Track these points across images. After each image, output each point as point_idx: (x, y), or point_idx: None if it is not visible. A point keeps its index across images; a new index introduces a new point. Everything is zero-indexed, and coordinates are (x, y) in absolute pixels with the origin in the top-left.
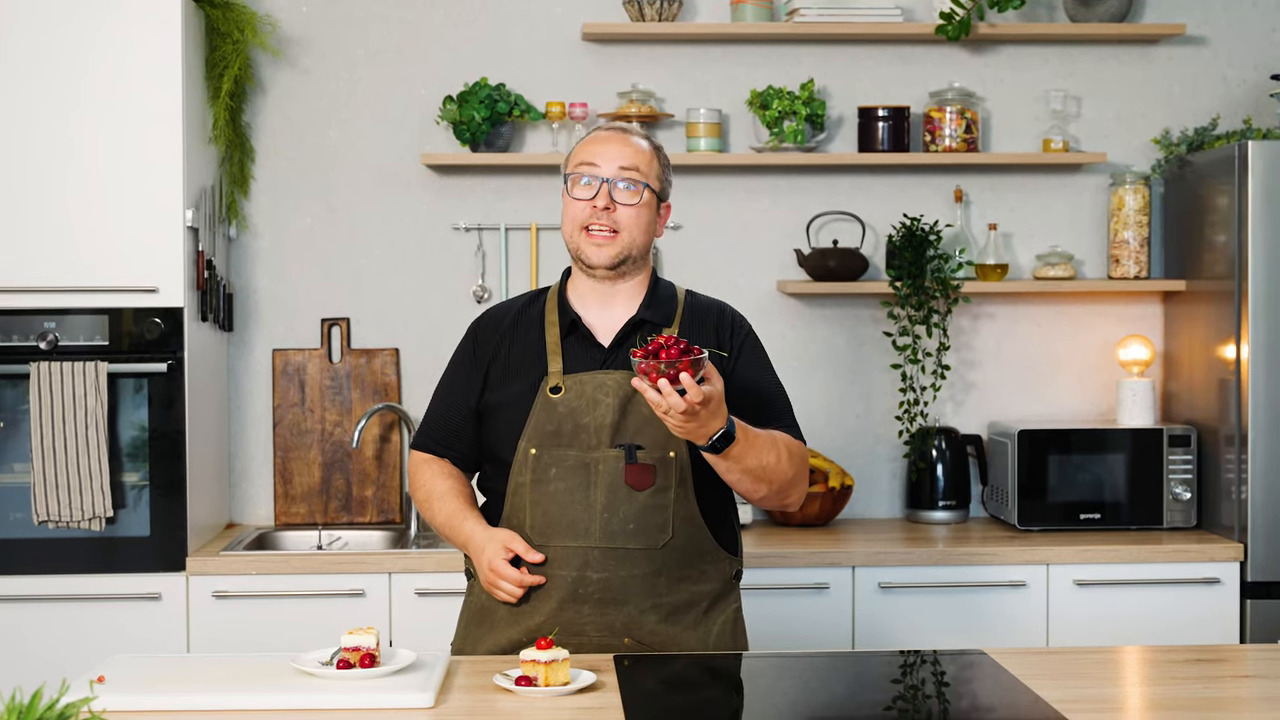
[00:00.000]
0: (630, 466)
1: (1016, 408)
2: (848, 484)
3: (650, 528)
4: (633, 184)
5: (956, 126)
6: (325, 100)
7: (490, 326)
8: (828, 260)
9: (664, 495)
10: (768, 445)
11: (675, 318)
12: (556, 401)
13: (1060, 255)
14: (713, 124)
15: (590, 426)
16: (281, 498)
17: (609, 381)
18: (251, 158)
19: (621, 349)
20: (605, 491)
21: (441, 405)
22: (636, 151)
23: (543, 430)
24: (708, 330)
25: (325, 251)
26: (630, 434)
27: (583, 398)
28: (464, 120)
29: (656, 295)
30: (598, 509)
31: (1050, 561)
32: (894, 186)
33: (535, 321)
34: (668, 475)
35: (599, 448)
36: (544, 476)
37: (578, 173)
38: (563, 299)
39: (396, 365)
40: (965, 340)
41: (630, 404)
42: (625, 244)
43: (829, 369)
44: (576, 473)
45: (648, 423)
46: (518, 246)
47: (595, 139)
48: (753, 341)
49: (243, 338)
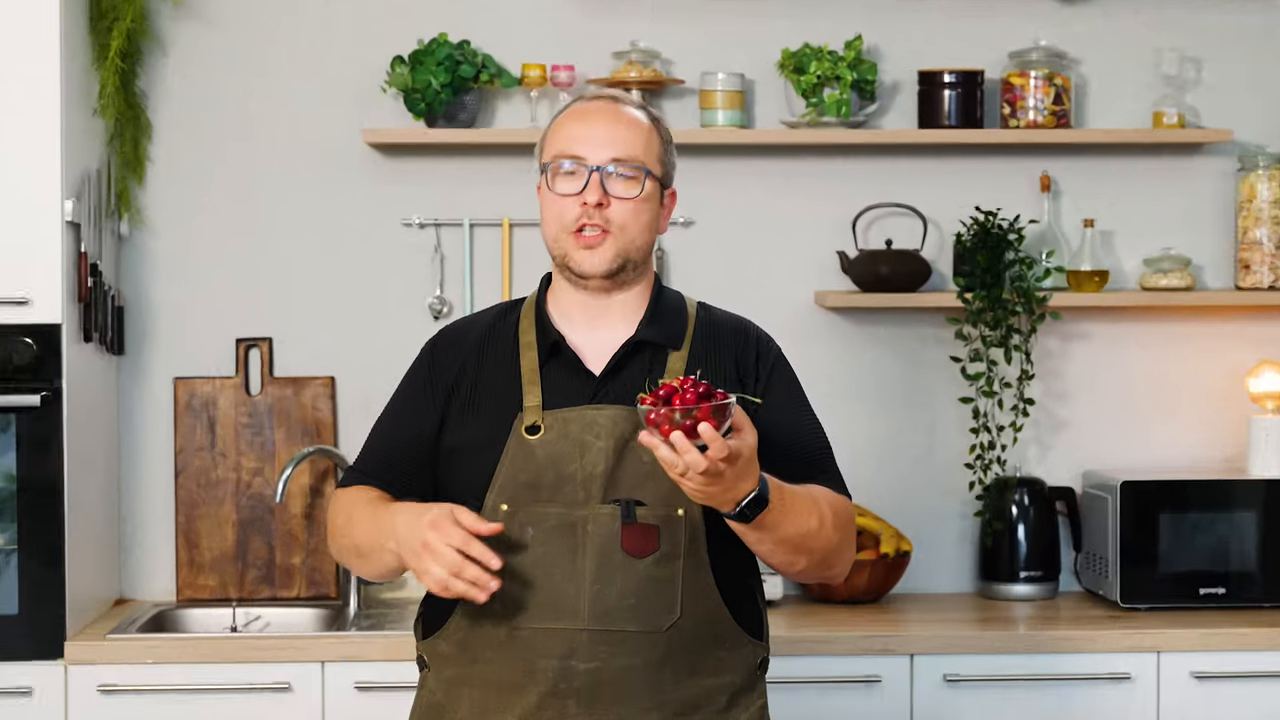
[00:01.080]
0: (628, 528)
1: (1119, 453)
2: (904, 549)
3: (653, 605)
4: (631, 171)
5: (1043, 96)
6: (241, 62)
7: (450, 347)
8: (879, 265)
9: (670, 564)
10: (808, 507)
11: (685, 338)
12: (534, 444)
13: (1174, 260)
14: (734, 92)
15: (577, 476)
16: (186, 566)
17: (601, 419)
18: (148, 134)
19: (617, 378)
20: (596, 559)
21: (379, 438)
22: (633, 128)
23: (517, 481)
24: (724, 355)
25: (241, 254)
26: (628, 486)
27: (567, 439)
28: (417, 87)
29: (660, 309)
30: (586, 581)
31: (1162, 649)
32: (963, 172)
33: (507, 342)
34: (675, 539)
35: (588, 503)
36: (519, 540)
37: (559, 161)
38: (542, 314)
39: (331, 398)
40: (1054, 367)
41: (628, 448)
42: (623, 246)
43: (880, 403)
44: (560, 535)
45: (650, 473)
46: (486, 247)
47: (578, 114)
48: (784, 371)
49: (137, 363)
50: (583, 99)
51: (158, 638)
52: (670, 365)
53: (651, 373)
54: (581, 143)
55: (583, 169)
